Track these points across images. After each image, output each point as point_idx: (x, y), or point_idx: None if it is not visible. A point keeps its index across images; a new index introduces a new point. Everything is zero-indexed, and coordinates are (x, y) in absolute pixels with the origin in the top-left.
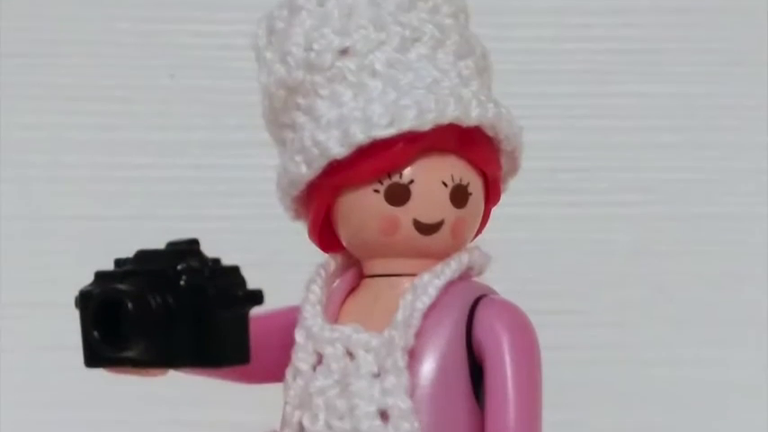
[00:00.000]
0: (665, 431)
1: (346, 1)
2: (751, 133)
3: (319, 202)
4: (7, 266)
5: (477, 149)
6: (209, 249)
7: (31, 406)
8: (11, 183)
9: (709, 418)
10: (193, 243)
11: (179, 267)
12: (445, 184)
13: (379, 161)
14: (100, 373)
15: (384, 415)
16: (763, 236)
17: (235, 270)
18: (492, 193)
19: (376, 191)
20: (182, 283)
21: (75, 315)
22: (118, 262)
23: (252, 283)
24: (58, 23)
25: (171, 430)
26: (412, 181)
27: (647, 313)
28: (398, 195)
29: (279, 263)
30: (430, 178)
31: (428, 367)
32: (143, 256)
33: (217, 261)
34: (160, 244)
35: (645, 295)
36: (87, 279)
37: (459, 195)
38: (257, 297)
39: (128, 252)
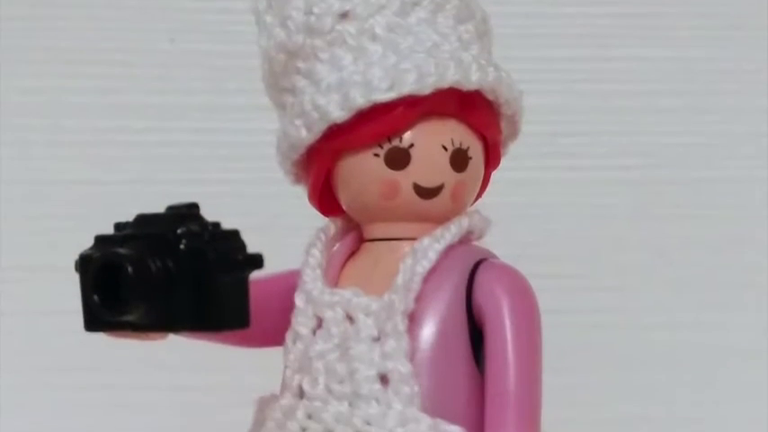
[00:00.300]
0: (664, 395)
1: None
2: (751, 97)
3: (319, 165)
4: (7, 230)
5: (478, 113)
6: (208, 213)
7: (30, 370)
8: (10, 147)
9: (708, 382)
10: (193, 207)
11: (179, 231)
12: (445, 148)
13: (379, 125)
14: (100, 337)
15: (384, 379)
16: (764, 199)
17: (235, 234)
18: (492, 157)
19: (376, 155)
20: (181, 246)
21: (75, 279)
22: (118, 226)
23: (252, 247)
24: None
25: (171, 394)
26: (412, 145)
27: (646, 277)
28: (398, 159)
29: (279, 227)
30: (430, 142)
31: (428, 331)
32: (143, 219)
33: (217, 225)
34: (160, 208)
35: (645, 259)
36: (87, 243)
37: (460, 159)
38: (257, 261)
39: (128, 216)
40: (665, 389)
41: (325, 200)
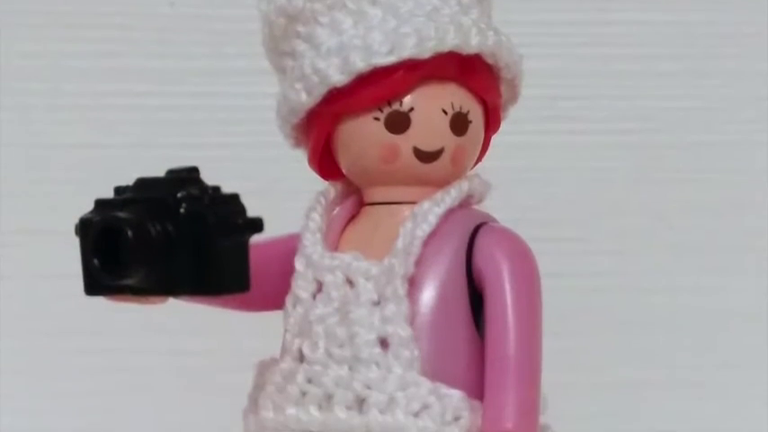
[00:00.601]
0: (664, 358)
1: None
2: (751, 61)
3: (319, 129)
4: (7, 194)
5: (477, 77)
6: (208, 177)
7: (30, 333)
8: (11, 111)
9: (708, 346)
10: (193, 171)
11: (179, 195)
12: (445, 112)
13: (379, 89)
14: (100, 301)
15: (384, 343)
16: (763, 163)
17: (234, 198)
18: (492, 121)
19: (376, 119)
20: (181, 210)
21: (75, 243)
22: (118, 190)
23: (251, 211)
24: None
25: (170, 358)
26: (412, 109)
27: (646, 241)
28: (398, 123)
29: (278, 190)
30: (430, 106)
31: (428, 295)
32: (143, 183)
33: (216, 189)
34: (160, 172)
35: (645, 223)
36: (87, 207)
37: (460, 123)
38: (257, 225)
39: (128, 180)
40: (664, 352)
41: (325, 164)
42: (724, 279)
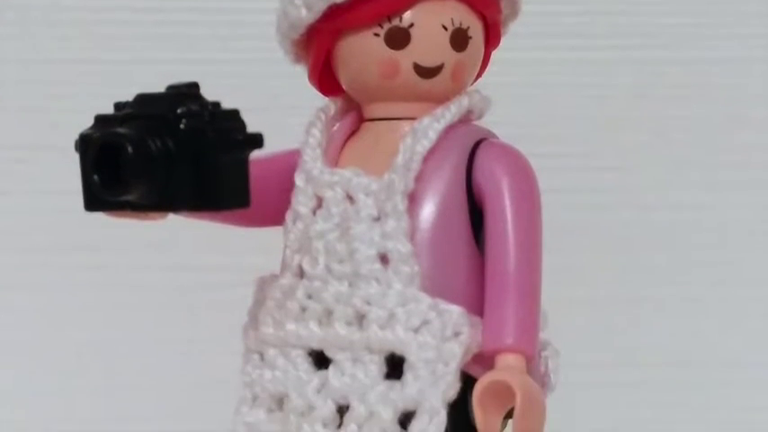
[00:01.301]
0: (664, 274)
1: None
2: None
3: (319, 45)
4: (7, 110)
5: None
6: (208, 93)
7: (30, 249)
8: (11, 26)
9: (708, 261)
10: (193, 86)
11: (179, 111)
12: (445, 28)
13: (379, 4)
14: (99, 217)
15: (384, 258)
16: (763, 79)
17: (234, 113)
18: (492, 37)
19: (376, 34)
20: (181, 126)
21: (75, 158)
22: (117, 105)
23: (251, 127)
24: None
25: (171, 274)
26: (412, 24)
27: (646, 157)
28: (398, 39)
29: (279, 106)
30: (430, 22)
31: (428, 211)
32: (143, 99)
33: (217, 104)
34: (160, 87)
35: (645, 139)
36: (87, 122)
37: (460, 39)
38: (257, 140)
39: (127, 95)
40: (664, 268)
41: (326, 79)
42: (724, 194)
